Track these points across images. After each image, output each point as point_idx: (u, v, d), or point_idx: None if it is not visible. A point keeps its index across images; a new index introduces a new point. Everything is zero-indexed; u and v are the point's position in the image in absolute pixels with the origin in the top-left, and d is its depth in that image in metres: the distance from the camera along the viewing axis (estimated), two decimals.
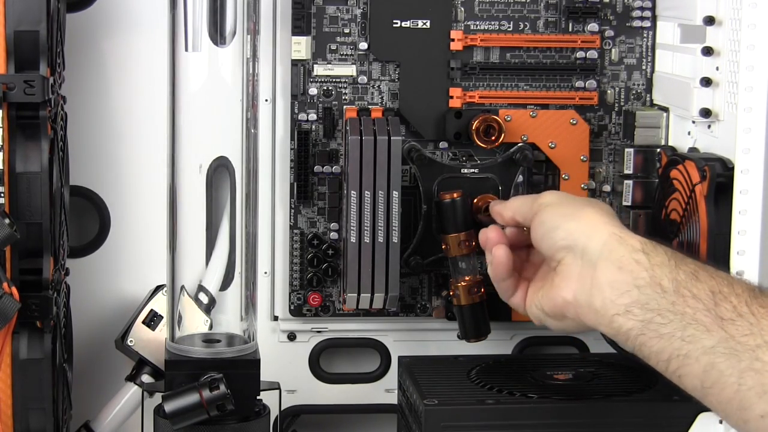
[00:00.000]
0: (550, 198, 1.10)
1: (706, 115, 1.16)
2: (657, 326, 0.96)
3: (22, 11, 1.08)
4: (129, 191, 1.31)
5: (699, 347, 0.93)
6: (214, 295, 1.18)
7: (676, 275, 0.97)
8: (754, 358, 0.90)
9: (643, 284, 0.98)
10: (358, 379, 1.34)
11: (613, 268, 1.00)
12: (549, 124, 1.28)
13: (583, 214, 1.05)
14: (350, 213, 1.21)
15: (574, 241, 1.04)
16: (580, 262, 1.03)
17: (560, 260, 1.05)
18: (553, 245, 1.06)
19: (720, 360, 0.92)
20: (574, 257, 1.03)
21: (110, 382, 1.29)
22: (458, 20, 1.27)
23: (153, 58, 1.27)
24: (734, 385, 0.91)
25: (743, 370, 0.91)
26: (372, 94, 1.28)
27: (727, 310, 0.93)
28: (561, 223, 1.06)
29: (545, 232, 1.07)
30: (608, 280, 1.00)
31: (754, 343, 0.91)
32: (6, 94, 1.06)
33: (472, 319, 1.20)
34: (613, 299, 0.99)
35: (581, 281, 1.02)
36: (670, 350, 0.95)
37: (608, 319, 0.99)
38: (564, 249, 1.04)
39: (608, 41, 1.29)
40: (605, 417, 1.15)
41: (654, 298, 0.97)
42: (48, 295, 1.09)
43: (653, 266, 0.99)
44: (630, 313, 0.98)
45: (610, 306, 0.99)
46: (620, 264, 1.00)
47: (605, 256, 1.01)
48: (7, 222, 1.04)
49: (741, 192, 1.08)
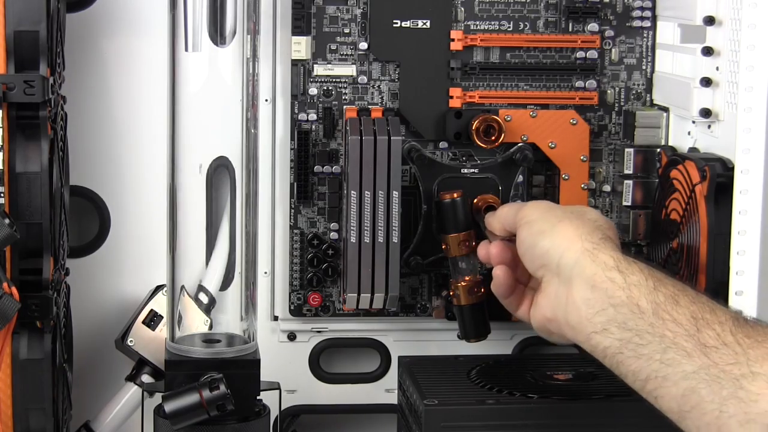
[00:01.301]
0: (530, 212, 1.08)
1: (706, 115, 1.16)
2: (635, 346, 0.95)
3: (22, 11, 1.08)
4: (129, 191, 1.31)
5: (679, 371, 0.92)
6: (214, 295, 1.18)
7: (654, 297, 0.96)
8: (738, 387, 0.89)
9: (618, 303, 0.97)
10: (358, 379, 1.34)
11: (586, 287, 0.99)
12: (549, 124, 1.27)
13: (558, 230, 1.04)
14: (350, 213, 1.21)
15: (549, 259, 1.03)
16: (556, 280, 1.02)
17: (541, 278, 1.05)
18: (531, 264, 1.06)
19: (701, 386, 0.91)
20: (551, 275, 1.03)
21: (110, 382, 1.29)
22: (458, 20, 1.27)
23: (153, 58, 1.27)
24: (715, 412, 0.90)
25: (726, 397, 0.89)
26: (372, 94, 1.28)
27: (710, 338, 0.92)
28: (537, 241, 1.05)
29: (524, 251, 1.07)
30: (582, 298, 0.99)
31: (739, 372, 0.90)
32: (6, 94, 1.06)
33: (472, 319, 1.20)
34: (589, 317, 0.98)
35: (557, 299, 1.02)
36: (648, 371, 0.94)
37: (585, 336, 0.99)
38: (542, 267, 1.04)
39: (608, 41, 1.29)
40: (605, 417, 1.15)
41: (631, 318, 0.96)
42: (48, 295, 1.09)
43: (629, 285, 0.97)
44: (607, 332, 0.97)
45: (587, 324, 0.98)
46: (593, 282, 0.99)
47: (578, 273, 1.00)
48: (7, 222, 1.04)
49: (741, 192, 1.08)
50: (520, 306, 1.12)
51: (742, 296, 1.08)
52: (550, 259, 1.03)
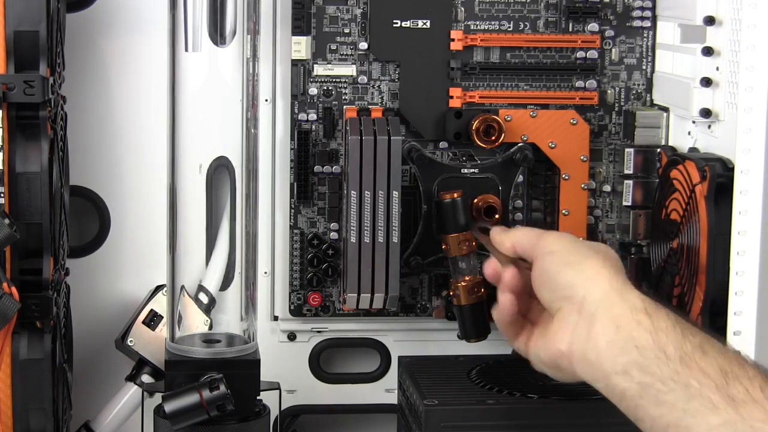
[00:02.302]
0: (553, 244, 1.04)
1: (706, 115, 1.16)
2: (656, 392, 0.92)
3: (22, 11, 1.08)
4: (129, 191, 1.31)
5: (703, 422, 0.90)
6: (214, 295, 1.18)
7: (682, 345, 0.93)
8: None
9: (643, 346, 0.94)
10: (358, 379, 1.34)
11: (611, 325, 0.96)
12: (549, 124, 1.27)
13: (585, 264, 1.01)
14: (350, 213, 1.21)
15: (573, 291, 0.99)
16: (577, 314, 0.98)
17: (558, 308, 1.01)
18: (552, 294, 1.02)
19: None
20: (572, 308, 0.99)
21: (110, 382, 1.29)
22: (458, 20, 1.27)
23: (153, 58, 1.27)
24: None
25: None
26: (372, 94, 1.28)
27: (738, 392, 0.89)
28: (562, 271, 1.01)
29: (545, 282, 1.02)
30: (606, 338, 0.96)
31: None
32: (6, 94, 1.06)
33: (472, 319, 1.20)
34: (610, 357, 0.95)
35: (577, 332, 0.98)
36: (669, 419, 0.91)
37: (603, 375, 0.96)
38: (563, 299, 1.00)
39: (608, 41, 1.29)
40: (605, 417, 1.14)
41: (655, 363, 0.93)
42: (48, 295, 1.09)
43: (657, 330, 0.94)
44: (627, 374, 0.94)
45: (607, 363, 0.95)
46: (619, 322, 0.96)
47: (603, 312, 0.97)
48: (7, 222, 1.04)
49: (741, 192, 1.08)
50: (517, 337, 1.08)
51: (742, 296, 1.08)
52: (575, 292, 0.99)
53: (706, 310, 1.12)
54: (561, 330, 1.00)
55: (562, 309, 1.00)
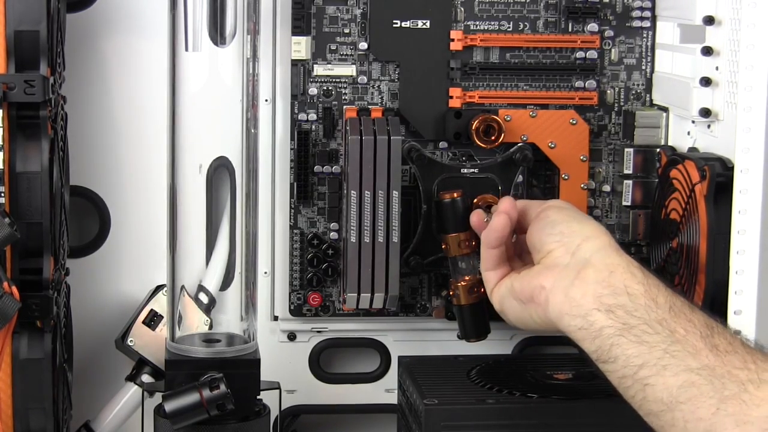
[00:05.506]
0: (562, 204, 1.12)
1: (706, 115, 1.16)
2: (640, 333, 0.96)
3: (22, 11, 1.08)
4: (129, 191, 1.31)
5: (682, 363, 0.93)
6: (214, 295, 1.18)
7: (672, 299, 0.98)
8: (743, 390, 0.90)
9: (635, 293, 0.98)
10: (358, 379, 1.34)
11: (605, 271, 1.00)
12: (549, 124, 1.28)
13: (589, 224, 1.07)
14: (350, 213, 1.21)
15: (571, 239, 1.05)
16: (570, 257, 1.03)
17: (549, 251, 1.05)
18: (548, 237, 1.06)
19: (703, 381, 0.92)
20: (565, 252, 1.04)
21: (110, 382, 1.29)
22: (458, 20, 1.27)
23: (153, 58, 1.27)
24: (712, 408, 0.90)
25: (727, 396, 0.90)
26: (372, 94, 1.28)
27: (721, 343, 0.93)
28: (565, 221, 1.07)
29: (545, 225, 1.07)
30: (596, 279, 1.00)
31: (746, 377, 0.91)
32: (6, 94, 1.07)
33: (472, 319, 1.20)
34: (597, 296, 0.99)
35: (565, 272, 1.02)
36: (647, 357, 0.95)
37: (583, 310, 0.99)
38: (557, 242, 1.05)
39: (608, 41, 1.29)
40: (605, 417, 1.15)
41: (644, 308, 0.97)
42: (48, 295, 1.09)
43: (649, 284, 0.99)
44: (611, 313, 0.98)
45: (591, 300, 0.99)
46: (613, 269, 1.00)
47: (599, 259, 1.02)
48: (7, 222, 1.04)
49: (741, 192, 1.08)
50: (494, 268, 1.12)
51: (741, 296, 1.08)
52: (572, 240, 1.04)
53: (706, 309, 1.11)
54: (548, 269, 1.04)
55: (553, 252, 1.05)
